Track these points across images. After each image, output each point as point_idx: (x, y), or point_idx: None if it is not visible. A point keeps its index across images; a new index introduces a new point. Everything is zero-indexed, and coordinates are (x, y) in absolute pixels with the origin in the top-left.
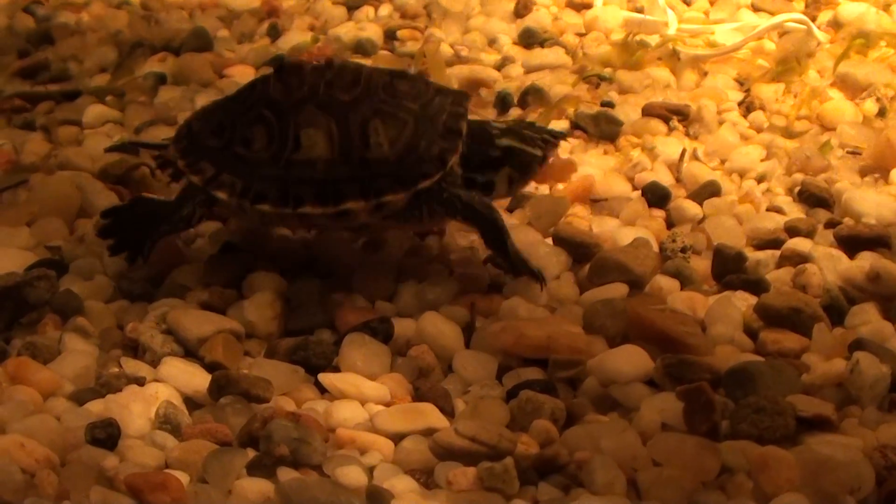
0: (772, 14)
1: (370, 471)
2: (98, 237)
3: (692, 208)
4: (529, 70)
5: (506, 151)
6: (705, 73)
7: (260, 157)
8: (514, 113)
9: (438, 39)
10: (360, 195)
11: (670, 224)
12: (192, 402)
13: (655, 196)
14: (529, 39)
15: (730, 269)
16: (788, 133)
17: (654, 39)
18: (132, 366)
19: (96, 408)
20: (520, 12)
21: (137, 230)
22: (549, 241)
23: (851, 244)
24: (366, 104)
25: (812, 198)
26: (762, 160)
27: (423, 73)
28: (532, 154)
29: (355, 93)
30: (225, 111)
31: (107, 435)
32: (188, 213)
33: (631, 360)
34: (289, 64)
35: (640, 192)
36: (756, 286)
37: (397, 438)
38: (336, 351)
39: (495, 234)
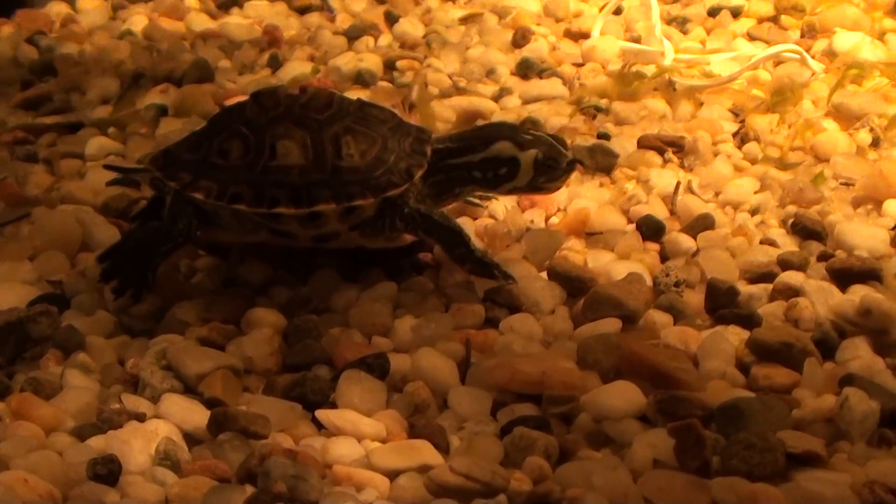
0: (767, 43)
1: None
2: (100, 282)
3: (686, 241)
4: (527, 101)
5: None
6: (701, 104)
7: (236, 164)
8: None
9: (425, 74)
10: (332, 198)
11: (664, 257)
12: (191, 439)
13: (650, 229)
14: (527, 70)
15: (722, 304)
16: (782, 164)
17: (650, 69)
18: (133, 402)
19: (98, 444)
20: (518, 42)
21: (138, 261)
22: (545, 275)
23: (843, 277)
24: (338, 123)
25: (805, 230)
26: (756, 192)
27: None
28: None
29: (328, 113)
30: (200, 134)
31: (108, 471)
32: (184, 228)
33: (624, 395)
34: (265, 90)
35: (634, 225)
36: (748, 320)
37: (393, 475)
38: (333, 387)
39: (456, 241)
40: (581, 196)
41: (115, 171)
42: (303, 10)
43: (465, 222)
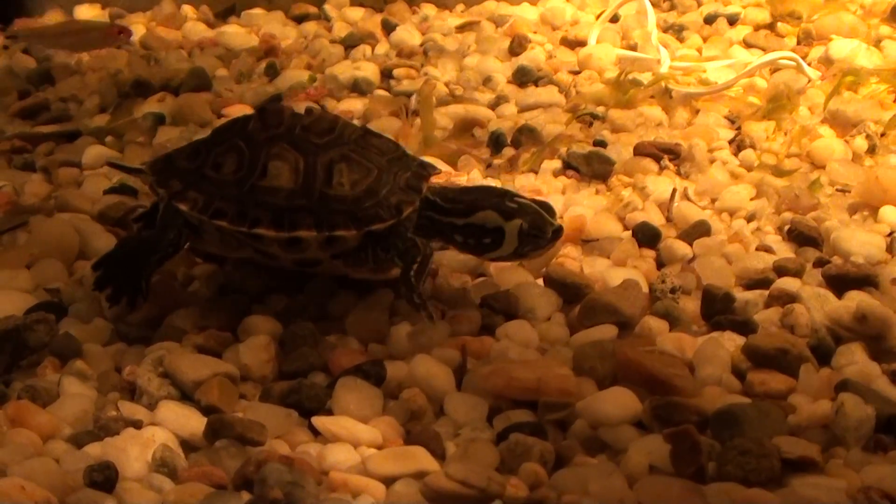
0: (764, 50)
1: None
2: (95, 290)
3: (682, 248)
4: (523, 109)
5: (522, 206)
6: (697, 111)
7: (227, 179)
8: (508, 153)
9: (434, 82)
10: (313, 226)
11: (660, 264)
12: (188, 445)
13: (646, 236)
14: (523, 78)
15: (718, 310)
16: (778, 171)
17: (646, 77)
18: (129, 409)
19: (94, 451)
20: (515, 50)
21: (131, 270)
22: (541, 281)
23: (839, 283)
24: (336, 149)
25: (801, 236)
26: (752, 199)
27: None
28: (547, 219)
29: (328, 138)
30: (201, 143)
31: (104, 478)
32: (174, 237)
33: (619, 402)
34: (272, 106)
35: (630, 232)
36: (744, 327)
37: (389, 481)
38: (329, 394)
39: (411, 265)
40: (577, 203)
41: (117, 170)
42: (300, 19)
43: None
